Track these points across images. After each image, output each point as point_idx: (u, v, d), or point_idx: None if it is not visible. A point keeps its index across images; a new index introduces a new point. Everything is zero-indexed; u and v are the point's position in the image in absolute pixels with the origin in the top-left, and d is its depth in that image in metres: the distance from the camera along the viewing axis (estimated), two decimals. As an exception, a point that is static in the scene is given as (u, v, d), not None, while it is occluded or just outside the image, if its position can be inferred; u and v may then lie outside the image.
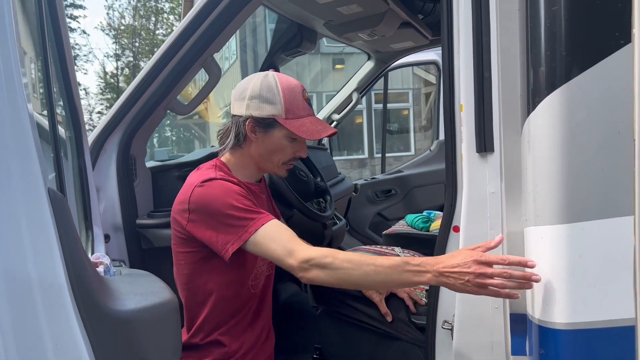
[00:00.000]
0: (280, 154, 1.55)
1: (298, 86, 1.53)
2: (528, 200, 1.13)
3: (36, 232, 0.64)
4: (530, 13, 1.08)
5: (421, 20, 2.58)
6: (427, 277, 1.21)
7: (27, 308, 0.64)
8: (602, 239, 0.99)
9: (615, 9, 0.95)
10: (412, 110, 13.80)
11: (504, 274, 1.12)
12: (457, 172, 1.38)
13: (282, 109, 1.48)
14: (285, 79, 1.53)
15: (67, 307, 0.66)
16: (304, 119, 1.51)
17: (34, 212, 0.64)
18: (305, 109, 1.53)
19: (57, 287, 0.65)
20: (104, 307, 0.74)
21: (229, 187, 1.44)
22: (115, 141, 1.76)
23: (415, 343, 1.65)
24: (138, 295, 0.85)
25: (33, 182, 0.64)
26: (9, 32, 0.63)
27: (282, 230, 1.39)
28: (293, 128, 1.49)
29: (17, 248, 0.64)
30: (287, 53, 2.40)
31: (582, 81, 0.98)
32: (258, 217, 1.39)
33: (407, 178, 3.77)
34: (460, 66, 1.28)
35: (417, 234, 2.71)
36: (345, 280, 1.30)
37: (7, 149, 0.63)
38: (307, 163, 2.29)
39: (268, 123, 1.50)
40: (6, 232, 0.63)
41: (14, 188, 0.64)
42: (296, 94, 1.51)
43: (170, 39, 1.64)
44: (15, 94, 0.63)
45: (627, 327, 0.98)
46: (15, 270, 0.63)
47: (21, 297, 0.64)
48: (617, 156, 0.96)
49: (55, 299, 0.65)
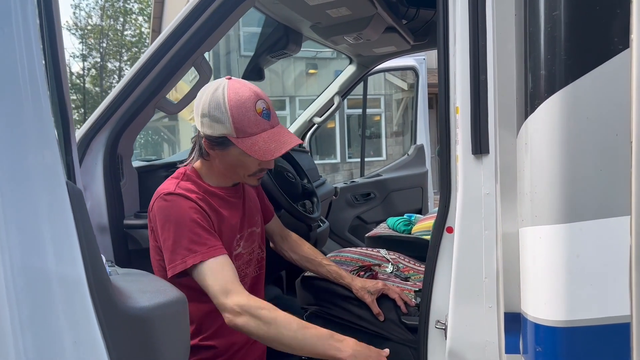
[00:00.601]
0: (243, 168, 1.50)
1: (250, 99, 1.41)
2: (525, 201, 1.15)
3: (57, 227, 0.63)
4: (529, 17, 1.10)
5: (405, 25, 2.61)
6: (344, 355, 1.31)
7: (46, 304, 0.62)
8: (599, 239, 1.02)
9: (614, 15, 0.98)
10: (384, 116, 13.92)
11: None
12: (451, 173, 1.39)
13: (231, 129, 1.40)
14: (235, 92, 1.41)
15: (86, 303, 0.64)
16: (256, 136, 1.41)
17: (54, 207, 0.63)
18: (258, 124, 1.41)
19: (77, 283, 0.63)
20: (119, 304, 0.73)
21: (185, 211, 1.41)
22: (102, 140, 1.73)
23: (405, 343, 1.66)
24: (147, 293, 0.84)
25: (54, 177, 0.63)
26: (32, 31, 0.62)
27: (228, 269, 1.38)
28: (245, 147, 1.41)
29: (37, 243, 0.62)
30: (273, 55, 2.39)
31: (581, 85, 1.00)
32: (208, 248, 1.38)
33: (386, 182, 3.80)
34: (456, 69, 1.30)
35: (400, 236, 2.73)
36: (272, 337, 1.32)
37: (29, 144, 0.62)
38: (294, 165, 2.29)
39: (221, 142, 1.44)
40: (26, 228, 0.61)
41: (35, 183, 0.62)
42: (246, 110, 1.40)
43: (162, 37, 1.62)
44: (37, 88, 0.62)
45: (623, 324, 1.01)
46: (35, 266, 0.61)
47: (40, 292, 0.62)
48: (615, 158, 1.00)
49: (74, 294, 0.64)
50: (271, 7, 2.05)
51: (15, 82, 0.61)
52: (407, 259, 2.18)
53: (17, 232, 0.60)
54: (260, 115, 1.41)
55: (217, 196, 1.54)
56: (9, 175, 0.61)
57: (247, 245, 1.64)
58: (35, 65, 0.62)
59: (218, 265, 1.37)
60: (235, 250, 1.58)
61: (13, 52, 0.61)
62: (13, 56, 0.61)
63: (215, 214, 1.50)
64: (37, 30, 0.63)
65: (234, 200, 1.60)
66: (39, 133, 0.62)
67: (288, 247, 1.91)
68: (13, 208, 0.61)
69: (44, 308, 0.62)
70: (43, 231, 0.62)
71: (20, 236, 0.61)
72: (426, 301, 1.46)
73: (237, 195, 1.64)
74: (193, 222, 1.39)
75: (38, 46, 0.62)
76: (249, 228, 1.65)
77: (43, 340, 0.62)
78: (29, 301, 0.61)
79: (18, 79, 0.61)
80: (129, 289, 0.83)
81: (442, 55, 1.37)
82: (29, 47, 0.61)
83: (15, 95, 0.61)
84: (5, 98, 0.61)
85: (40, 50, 0.62)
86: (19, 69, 0.61)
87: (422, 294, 1.49)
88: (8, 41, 0.60)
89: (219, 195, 1.55)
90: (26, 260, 0.61)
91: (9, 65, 0.61)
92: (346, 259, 2.11)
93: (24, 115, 0.62)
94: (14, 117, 0.62)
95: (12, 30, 0.60)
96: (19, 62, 0.61)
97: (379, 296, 1.73)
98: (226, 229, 1.54)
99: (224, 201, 1.55)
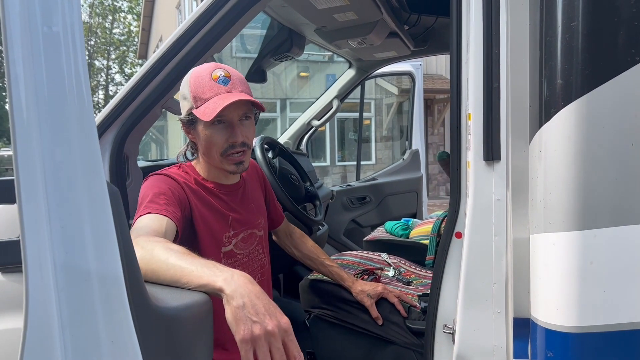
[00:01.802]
0: (213, 146, 1.45)
1: (207, 68, 1.42)
2: (537, 207, 1.16)
3: (97, 226, 0.63)
4: (546, 26, 1.12)
5: (407, 30, 2.63)
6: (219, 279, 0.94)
7: (86, 302, 0.62)
8: (613, 246, 1.03)
9: (632, 26, 1.00)
10: (374, 120, 13.97)
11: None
12: (461, 179, 1.40)
13: (191, 99, 1.41)
14: (199, 68, 1.44)
15: (124, 303, 0.64)
16: (209, 100, 1.38)
17: (95, 207, 0.62)
18: (212, 89, 1.39)
19: (115, 282, 0.63)
20: (152, 303, 0.73)
21: (160, 180, 1.41)
22: (109, 139, 1.72)
23: (410, 347, 1.67)
24: (173, 293, 0.84)
25: (95, 177, 0.62)
26: (78, 38, 0.62)
27: (159, 224, 1.26)
28: (199, 114, 1.38)
29: (79, 242, 0.62)
30: (276, 57, 2.40)
31: (598, 94, 1.02)
32: (146, 208, 1.31)
33: (381, 186, 3.82)
34: (469, 76, 1.31)
35: (398, 240, 2.75)
36: (146, 263, 1.01)
37: (72, 145, 0.62)
38: (297, 168, 2.30)
39: (189, 120, 1.45)
40: (69, 227, 0.61)
41: (77, 183, 0.62)
42: (202, 78, 1.40)
43: (173, 38, 1.62)
44: (81, 88, 0.62)
45: (635, 331, 1.02)
46: (77, 265, 0.61)
47: (81, 291, 0.62)
48: (630, 167, 1.01)
49: (113, 294, 0.63)
50: (278, 10, 2.06)
51: (60, 82, 0.61)
52: (407, 263, 2.20)
53: (60, 230, 0.60)
54: (216, 81, 1.40)
55: (208, 189, 1.53)
56: (53, 175, 0.61)
57: (245, 247, 1.61)
58: (79, 67, 0.61)
59: (152, 219, 1.28)
60: (225, 247, 1.54)
61: (59, 53, 0.61)
62: (59, 57, 0.61)
63: (201, 202, 1.48)
64: (81, 28, 0.62)
65: (226, 197, 1.57)
66: (82, 134, 0.62)
67: (291, 243, 1.91)
68: (57, 207, 0.61)
69: (84, 307, 0.62)
70: (84, 230, 0.62)
71: (63, 235, 0.61)
72: (434, 305, 1.46)
73: (232, 193, 1.61)
74: (158, 190, 1.37)
75: (83, 47, 0.62)
76: (249, 229, 1.62)
77: (82, 339, 0.62)
78: (70, 300, 0.61)
79: (64, 79, 0.61)
80: (153, 289, 0.83)
81: (455, 62, 1.39)
82: (75, 47, 0.61)
83: (61, 98, 0.61)
84: (51, 101, 0.61)
85: (85, 48, 0.62)
86: (65, 68, 0.61)
87: (430, 298, 1.50)
88: (55, 40, 0.60)
89: (210, 188, 1.53)
90: (69, 259, 0.61)
91: (56, 67, 0.61)
92: (348, 262, 2.12)
93: (68, 118, 0.62)
94: (58, 118, 0.62)
95: (59, 29, 0.60)
96: (65, 64, 0.61)
97: (381, 299, 1.73)
98: (213, 220, 1.50)
99: (214, 195, 1.53)
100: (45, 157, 0.60)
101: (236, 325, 0.84)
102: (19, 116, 0.58)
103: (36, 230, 0.59)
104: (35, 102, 0.59)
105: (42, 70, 0.60)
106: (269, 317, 0.86)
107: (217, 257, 1.50)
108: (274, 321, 0.86)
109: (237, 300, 0.86)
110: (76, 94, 0.61)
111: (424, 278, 2.03)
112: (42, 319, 0.59)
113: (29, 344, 0.59)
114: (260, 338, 0.83)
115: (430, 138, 13.34)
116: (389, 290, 1.75)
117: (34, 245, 0.59)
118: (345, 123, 13.86)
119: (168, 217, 1.29)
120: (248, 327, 0.84)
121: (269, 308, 0.88)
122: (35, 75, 0.59)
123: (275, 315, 0.88)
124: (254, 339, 0.83)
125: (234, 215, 1.56)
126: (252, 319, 0.85)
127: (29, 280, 0.59)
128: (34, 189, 0.59)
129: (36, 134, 0.60)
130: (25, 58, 0.58)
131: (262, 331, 0.84)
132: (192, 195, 1.46)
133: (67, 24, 0.60)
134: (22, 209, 0.59)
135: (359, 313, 1.75)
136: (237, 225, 1.57)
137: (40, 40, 0.59)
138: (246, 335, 0.83)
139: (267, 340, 0.84)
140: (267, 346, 0.84)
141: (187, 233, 1.44)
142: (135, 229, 1.24)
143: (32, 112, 0.59)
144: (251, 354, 0.83)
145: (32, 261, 0.59)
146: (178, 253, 1.00)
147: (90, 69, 25.56)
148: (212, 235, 1.49)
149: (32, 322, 0.59)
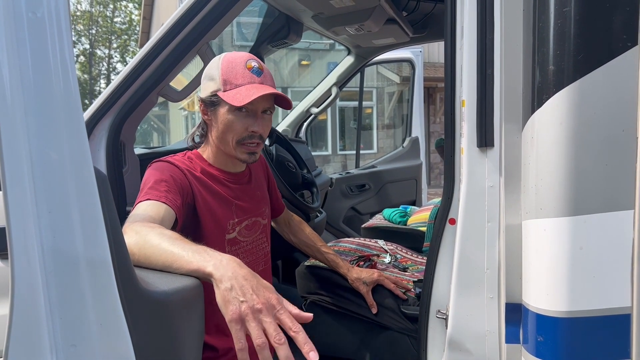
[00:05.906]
0: (231, 131, 1.47)
1: (242, 57, 1.46)
2: (529, 193, 1.16)
3: (85, 211, 0.63)
4: (539, 13, 1.12)
5: (405, 17, 2.62)
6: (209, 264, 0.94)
7: (75, 286, 0.63)
8: (603, 232, 1.03)
9: (624, 12, 1.00)
10: (376, 109, 13.93)
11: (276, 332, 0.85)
12: (455, 165, 1.41)
13: (220, 81, 1.43)
14: (232, 54, 1.47)
15: (112, 286, 0.65)
16: (241, 87, 1.42)
17: (83, 191, 0.63)
18: (245, 77, 1.43)
19: (103, 266, 0.64)
20: (141, 288, 0.73)
21: (163, 167, 1.42)
22: (106, 126, 1.72)
23: (404, 332, 1.68)
24: (163, 278, 0.85)
25: (82, 162, 0.63)
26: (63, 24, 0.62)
27: (157, 210, 1.26)
28: (226, 97, 1.41)
29: (66, 226, 0.63)
30: (274, 44, 2.40)
31: (589, 80, 1.02)
32: (146, 195, 1.31)
33: (381, 173, 3.82)
34: (463, 63, 1.31)
35: (396, 227, 2.76)
36: (139, 248, 1.04)
37: (59, 130, 0.62)
38: (294, 155, 2.30)
39: (212, 101, 1.46)
40: (57, 212, 0.62)
41: (65, 168, 0.62)
42: (236, 64, 1.43)
43: (168, 24, 1.61)
44: (68, 76, 0.62)
45: (624, 315, 1.03)
46: (64, 249, 0.62)
47: (69, 275, 0.63)
48: (620, 153, 1.01)
49: (101, 277, 0.64)
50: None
51: (46, 68, 0.61)
52: (404, 250, 2.21)
53: (47, 215, 0.61)
54: (250, 70, 1.44)
55: (213, 176, 1.53)
56: (41, 160, 0.61)
57: (249, 234, 1.62)
58: (65, 52, 0.62)
59: (143, 208, 1.27)
60: (229, 234, 1.55)
61: (45, 39, 0.61)
62: (45, 43, 0.61)
63: (205, 189, 1.49)
64: (68, 15, 0.63)
65: (233, 185, 1.58)
66: (69, 120, 0.63)
67: (289, 230, 1.92)
68: (44, 192, 0.61)
69: (72, 290, 0.63)
70: (72, 214, 0.63)
71: (51, 219, 0.62)
72: (427, 291, 1.48)
73: (239, 181, 1.62)
74: (163, 180, 1.37)
75: (69, 32, 0.62)
76: (253, 217, 1.63)
77: (71, 322, 0.63)
78: (58, 283, 0.62)
79: (49, 65, 0.61)
80: (143, 274, 0.84)
81: (449, 49, 1.39)
82: (60, 33, 0.61)
83: (47, 83, 0.61)
84: (37, 86, 0.61)
85: (71, 36, 0.62)
86: (50, 53, 0.61)
87: (424, 283, 1.51)
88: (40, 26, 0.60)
89: (216, 175, 1.54)
90: (57, 243, 0.62)
91: (41, 53, 0.61)
92: (345, 249, 2.13)
93: (54, 103, 0.62)
94: (45, 104, 0.62)
95: (44, 14, 0.60)
96: (50, 50, 0.61)
97: (377, 285, 1.75)
98: (217, 208, 1.51)
99: (219, 182, 1.53)
100: (32, 143, 0.61)
101: (225, 307, 0.85)
102: (2, 101, 0.59)
103: (21, 214, 0.60)
104: (20, 87, 0.60)
105: (28, 56, 0.60)
106: (257, 296, 0.86)
107: (221, 244, 1.51)
108: (261, 299, 0.86)
109: (225, 284, 0.86)
110: (62, 79, 0.62)
111: (420, 264, 2.04)
112: (29, 302, 0.60)
113: (15, 327, 0.60)
114: (248, 315, 0.84)
115: (432, 127, 13.30)
116: (384, 277, 1.76)
117: (20, 229, 0.60)
118: (346, 112, 13.82)
119: (167, 204, 1.30)
120: (236, 307, 0.84)
121: (257, 288, 0.88)
122: (20, 60, 0.60)
123: (264, 294, 0.88)
124: (242, 317, 0.84)
125: (238, 202, 1.57)
126: (240, 299, 0.85)
127: (14, 264, 0.60)
128: (19, 174, 0.60)
129: (21, 119, 0.60)
130: (9, 44, 0.59)
131: (250, 309, 0.84)
132: (195, 182, 1.47)
133: (52, 9, 0.61)
134: (7, 194, 0.60)
135: (354, 299, 1.76)
136: (241, 212, 1.58)
137: (25, 26, 0.60)
138: (234, 315, 0.83)
139: (255, 317, 0.84)
140: (256, 323, 0.84)
141: (191, 220, 1.45)
142: (133, 214, 1.25)
143: (16, 97, 0.60)
144: (242, 334, 0.83)
145: (18, 245, 0.60)
146: (171, 239, 1.01)
147: (91, 58, 25.52)
148: (216, 222, 1.50)
149: (19, 306, 0.60)
